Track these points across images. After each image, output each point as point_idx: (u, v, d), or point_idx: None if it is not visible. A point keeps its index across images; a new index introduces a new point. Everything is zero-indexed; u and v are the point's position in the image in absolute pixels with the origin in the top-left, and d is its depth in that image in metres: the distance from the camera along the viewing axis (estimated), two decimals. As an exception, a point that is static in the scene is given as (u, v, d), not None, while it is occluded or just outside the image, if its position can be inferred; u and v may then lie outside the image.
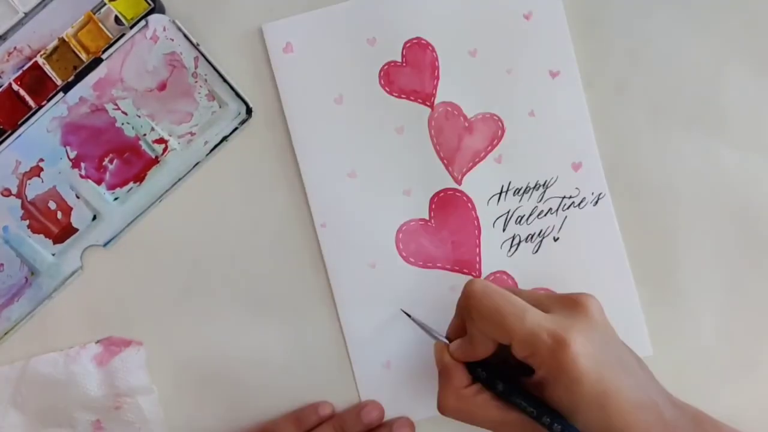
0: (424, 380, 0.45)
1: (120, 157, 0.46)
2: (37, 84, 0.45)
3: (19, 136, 0.45)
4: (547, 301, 0.39)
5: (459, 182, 0.46)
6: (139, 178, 0.46)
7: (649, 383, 0.38)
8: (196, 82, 0.45)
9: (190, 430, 0.46)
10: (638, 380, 0.37)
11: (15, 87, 0.45)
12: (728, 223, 0.46)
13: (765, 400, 0.45)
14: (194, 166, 0.46)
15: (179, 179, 0.46)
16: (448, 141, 0.46)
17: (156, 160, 0.46)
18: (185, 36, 0.45)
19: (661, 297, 0.45)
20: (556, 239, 0.46)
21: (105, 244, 0.46)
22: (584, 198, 0.45)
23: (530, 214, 0.46)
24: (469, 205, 0.46)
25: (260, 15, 0.46)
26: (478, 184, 0.46)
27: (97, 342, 0.46)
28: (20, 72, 0.45)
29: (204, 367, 0.46)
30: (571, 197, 0.45)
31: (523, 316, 0.37)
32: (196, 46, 0.45)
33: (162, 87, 0.46)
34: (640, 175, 0.46)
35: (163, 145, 0.46)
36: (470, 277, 0.46)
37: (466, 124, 0.46)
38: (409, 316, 0.44)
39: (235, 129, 0.46)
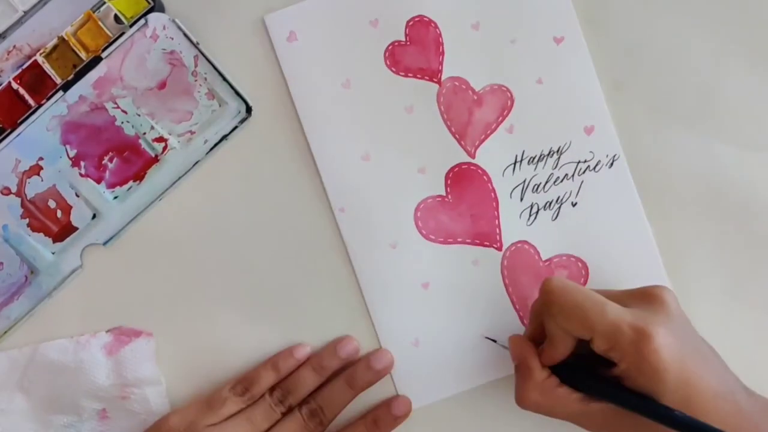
0: (453, 357, 0.45)
1: (120, 156, 0.46)
2: (37, 83, 0.45)
3: (19, 134, 0.45)
4: (623, 297, 0.39)
5: (473, 156, 0.46)
6: (139, 176, 0.46)
7: (726, 372, 0.39)
8: (195, 80, 0.45)
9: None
10: (717, 370, 0.38)
11: (14, 86, 0.45)
12: (728, 223, 0.46)
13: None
14: (194, 165, 0.46)
15: (179, 178, 0.46)
16: (458, 116, 0.46)
17: (156, 159, 0.46)
18: (185, 35, 0.45)
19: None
20: (574, 204, 0.46)
21: (105, 243, 0.46)
22: (599, 161, 0.45)
23: (546, 182, 0.46)
24: (485, 177, 0.46)
25: (259, 13, 0.46)
26: (492, 156, 0.46)
27: (108, 331, 0.46)
28: (20, 71, 0.45)
29: (204, 366, 0.46)
30: (586, 161, 0.46)
31: (604, 310, 0.37)
32: (195, 45, 0.45)
33: (162, 86, 0.45)
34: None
35: (162, 144, 0.46)
36: (492, 249, 0.46)
37: (475, 98, 0.46)
38: (495, 341, 0.45)
39: (235, 128, 0.46)
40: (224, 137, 0.46)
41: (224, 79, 0.45)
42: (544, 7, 0.45)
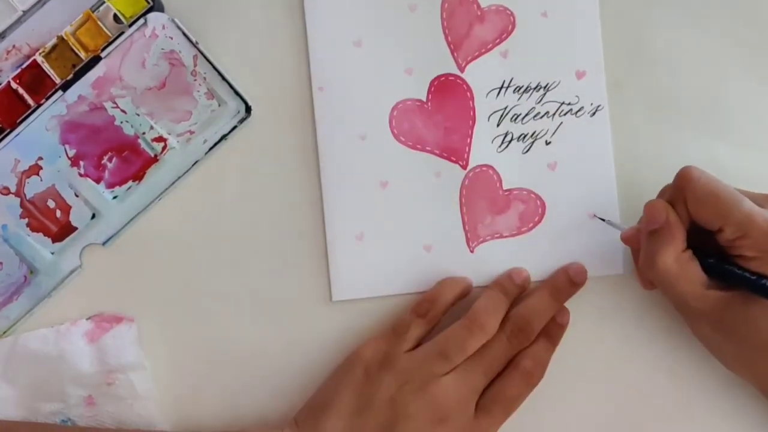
0: (391, 259, 0.46)
1: (119, 156, 0.46)
2: (36, 82, 0.45)
3: (18, 134, 0.45)
4: (760, 198, 0.40)
5: (462, 70, 0.46)
6: (138, 176, 0.46)
7: None
8: (195, 80, 0.45)
9: (183, 409, 0.46)
10: None
11: (14, 85, 0.45)
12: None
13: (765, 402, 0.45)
14: (193, 165, 0.46)
15: (178, 178, 0.46)
16: (458, 26, 0.46)
17: (155, 159, 0.46)
18: (184, 34, 0.45)
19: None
20: (548, 143, 0.46)
21: (104, 243, 0.46)
22: (582, 107, 0.45)
23: (526, 114, 0.46)
24: (468, 94, 0.46)
25: (258, 12, 0.46)
26: (481, 75, 0.46)
27: (88, 318, 0.46)
28: (19, 70, 0.45)
29: (204, 365, 0.46)
30: (569, 104, 0.46)
31: (741, 201, 0.39)
32: (195, 45, 0.45)
33: (161, 85, 0.45)
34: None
35: (162, 144, 0.46)
36: (457, 166, 0.46)
37: (479, 13, 0.46)
38: (603, 219, 0.44)
39: (234, 127, 0.46)
40: (224, 137, 0.46)
41: (223, 78, 0.45)
42: None
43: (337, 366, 0.44)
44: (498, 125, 0.46)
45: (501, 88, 0.46)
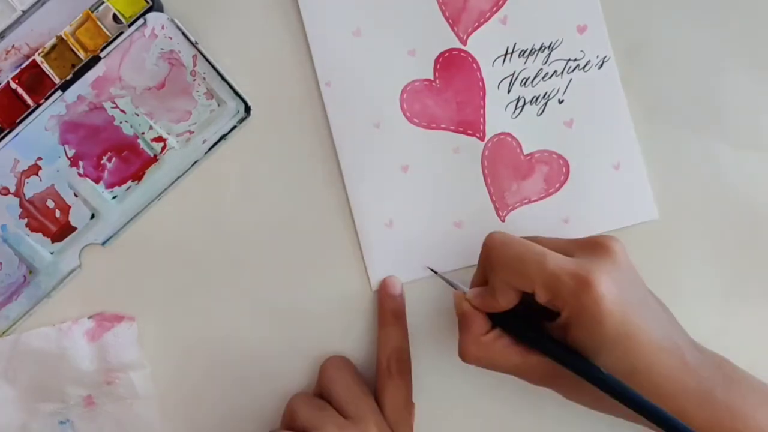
0: (424, 241, 0.46)
1: (118, 156, 0.46)
2: (36, 82, 0.45)
3: (17, 134, 0.45)
4: (570, 246, 0.39)
5: (464, 42, 0.46)
6: (138, 176, 0.46)
7: (673, 327, 0.39)
8: (194, 80, 0.45)
9: (183, 409, 0.46)
10: (662, 323, 0.38)
11: (13, 85, 0.45)
12: (727, 223, 0.46)
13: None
14: (193, 165, 0.46)
15: (178, 178, 0.46)
16: (453, 0, 0.46)
17: (154, 159, 0.46)
18: (183, 34, 0.45)
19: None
20: (561, 101, 0.46)
21: (103, 243, 0.46)
22: (589, 61, 0.45)
23: (535, 77, 0.46)
24: (474, 65, 0.46)
25: (258, 12, 0.46)
26: (484, 44, 0.46)
27: (90, 317, 0.46)
28: (18, 70, 0.45)
29: (204, 365, 0.46)
30: (575, 60, 0.46)
31: (544, 261, 0.37)
32: (194, 45, 0.45)
33: (160, 85, 0.45)
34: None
35: (161, 144, 0.46)
36: (474, 139, 0.46)
37: None
38: (435, 272, 0.45)
39: (234, 127, 0.46)
40: (223, 137, 0.46)
41: (223, 78, 0.45)
42: None
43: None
44: (509, 92, 0.46)
45: (506, 55, 0.46)
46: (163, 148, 0.46)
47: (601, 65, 0.45)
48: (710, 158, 0.46)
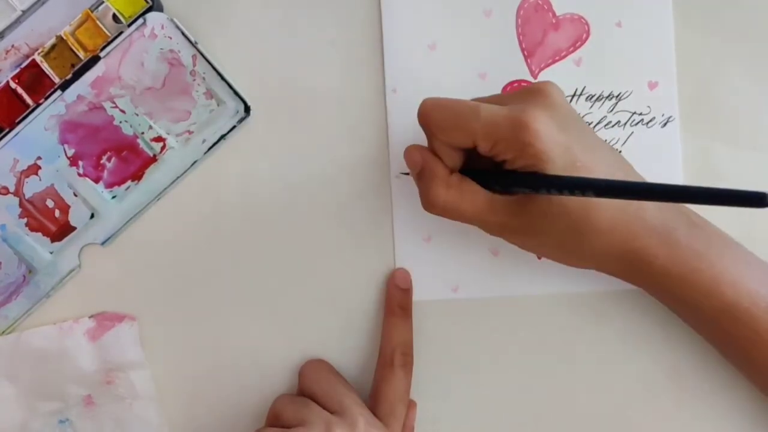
0: (466, 254, 0.45)
1: (118, 156, 0.46)
2: (35, 82, 0.45)
3: (17, 134, 0.45)
4: (505, 98, 0.39)
5: (535, 76, 0.46)
6: (137, 176, 0.46)
7: (622, 165, 0.39)
8: (194, 80, 0.45)
9: (183, 409, 0.46)
10: (608, 160, 0.38)
11: (13, 85, 0.45)
12: (725, 224, 0.46)
13: (765, 402, 0.45)
14: (192, 165, 0.46)
15: (177, 178, 0.46)
16: (532, 33, 0.46)
17: (154, 159, 0.46)
18: (183, 34, 0.45)
19: None
20: (619, 152, 0.45)
21: (103, 243, 0.46)
22: (654, 117, 0.45)
23: (598, 122, 0.46)
24: None
25: (257, 12, 0.46)
26: (554, 81, 0.45)
27: (91, 317, 0.46)
28: (18, 70, 0.45)
29: (204, 365, 0.46)
30: (641, 114, 0.45)
31: (478, 112, 0.37)
32: (194, 44, 0.45)
33: (160, 85, 0.45)
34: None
35: (161, 144, 0.46)
36: None
37: (554, 21, 0.46)
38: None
39: (234, 127, 0.46)
40: (222, 137, 0.46)
41: (222, 78, 0.45)
42: None
43: None
44: None
45: (573, 96, 0.46)
46: (163, 147, 0.46)
47: (665, 124, 0.45)
48: (708, 159, 0.46)
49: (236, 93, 0.45)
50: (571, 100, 0.46)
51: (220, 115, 0.46)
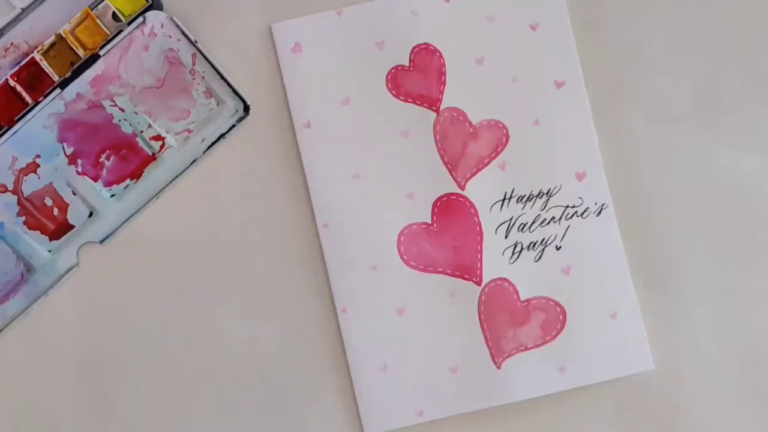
0: (419, 386, 0.45)
1: (117, 154, 0.46)
2: (34, 80, 0.45)
3: (16, 132, 0.45)
4: None
5: (462, 188, 0.46)
6: (136, 175, 0.46)
7: None
8: (193, 79, 0.45)
9: (182, 409, 0.46)
10: None
11: (12, 83, 0.45)
12: (725, 225, 0.46)
13: (765, 402, 0.45)
14: (191, 164, 0.46)
15: (176, 176, 0.46)
16: (452, 146, 0.46)
17: (153, 157, 0.46)
18: (183, 33, 0.45)
19: (661, 300, 0.46)
20: (558, 248, 0.45)
21: (101, 241, 0.46)
22: (587, 208, 0.46)
23: (533, 222, 0.46)
24: (472, 210, 0.46)
25: (256, 12, 0.46)
26: (482, 190, 0.46)
27: None
28: (17, 68, 0.45)
29: (202, 365, 0.46)
30: (574, 206, 0.46)
31: None
32: (193, 43, 0.45)
33: (159, 84, 0.45)
34: (641, 181, 0.46)
35: (160, 142, 0.46)
36: (471, 283, 0.46)
37: (471, 130, 0.46)
38: None
39: (233, 126, 0.46)
40: (222, 136, 0.46)
41: (222, 77, 0.45)
42: (549, 50, 0.46)
43: None
44: (506, 237, 0.46)
45: (504, 200, 0.46)
46: (162, 146, 0.46)
47: (599, 212, 0.45)
48: (708, 160, 0.46)
49: (236, 92, 0.45)
50: (502, 205, 0.46)
51: (220, 114, 0.46)
